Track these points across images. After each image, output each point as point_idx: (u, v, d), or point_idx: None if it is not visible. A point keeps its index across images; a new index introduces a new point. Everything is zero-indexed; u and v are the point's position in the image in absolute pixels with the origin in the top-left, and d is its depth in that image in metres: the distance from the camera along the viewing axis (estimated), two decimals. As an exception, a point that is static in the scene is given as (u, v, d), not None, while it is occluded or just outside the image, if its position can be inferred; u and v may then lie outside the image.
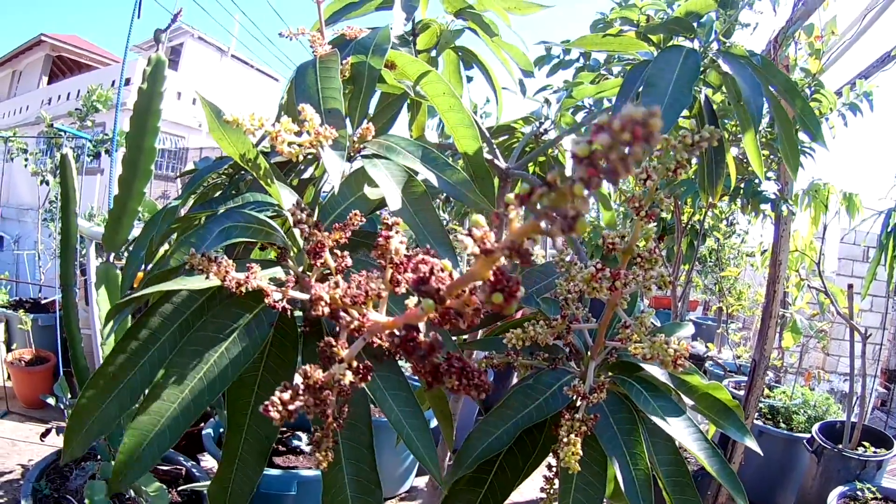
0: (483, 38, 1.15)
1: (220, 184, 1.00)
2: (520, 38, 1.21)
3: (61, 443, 0.63)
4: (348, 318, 0.34)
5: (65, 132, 3.66)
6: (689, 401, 0.73)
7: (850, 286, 2.71)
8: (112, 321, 0.69)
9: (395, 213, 0.63)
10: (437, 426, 0.74)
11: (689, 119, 1.25)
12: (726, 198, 2.36)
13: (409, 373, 1.44)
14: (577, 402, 0.60)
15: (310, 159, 0.85)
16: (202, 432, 2.13)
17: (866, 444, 2.53)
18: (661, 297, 5.06)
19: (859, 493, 2.31)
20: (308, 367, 0.34)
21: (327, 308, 0.36)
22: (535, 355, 0.73)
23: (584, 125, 1.31)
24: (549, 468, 0.65)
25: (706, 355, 4.14)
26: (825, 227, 2.83)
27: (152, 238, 0.83)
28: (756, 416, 2.69)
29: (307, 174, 0.94)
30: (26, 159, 4.43)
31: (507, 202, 0.19)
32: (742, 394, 2.22)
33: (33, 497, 1.62)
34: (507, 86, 1.34)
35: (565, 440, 0.56)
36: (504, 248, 0.19)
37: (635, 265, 0.56)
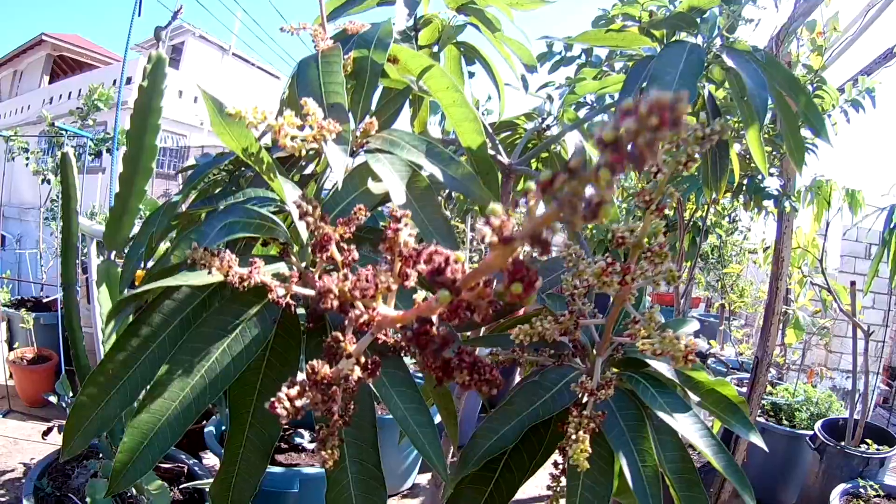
0: (485, 34, 1.14)
1: (220, 180, 0.99)
2: (522, 33, 1.20)
3: (63, 441, 0.63)
4: (358, 312, 0.33)
5: (66, 131, 3.65)
6: (694, 397, 0.73)
7: (852, 283, 2.70)
8: (114, 320, 0.69)
9: (399, 208, 0.63)
10: (439, 423, 0.74)
11: (692, 115, 1.25)
12: (729, 194, 2.35)
13: (412, 370, 1.43)
14: (585, 398, 0.59)
15: (311, 155, 0.84)
16: (204, 430, 2.13)
17: (869, 441, 2.53)
18: (663, 293, 5.05)
19: (862, 490, 2.31)
20: (316, 363, 0.33)
21: (336, 301, 0.35)
22: (541, 352, 0.72)
23: (587, 121, 1.30)
24: (556, 465, 0.65)
25: (709, 352, 4.13)
26: (828, 223, 2.82)
27: (152, 234, 0.82)
28: (759, 412, 2.69)
29: (308, 170, 0.93)
30: (28, 158, 4.42)
31: (527, 190, 0.18)
32: (745, 391, 2.22)
33: (35, 495, 1.62)
34: (510, 81, 1.33)
35: (574, 437, 0.56)
36: (524, 237, 0.18)
37: (644, 260, 0.55)
